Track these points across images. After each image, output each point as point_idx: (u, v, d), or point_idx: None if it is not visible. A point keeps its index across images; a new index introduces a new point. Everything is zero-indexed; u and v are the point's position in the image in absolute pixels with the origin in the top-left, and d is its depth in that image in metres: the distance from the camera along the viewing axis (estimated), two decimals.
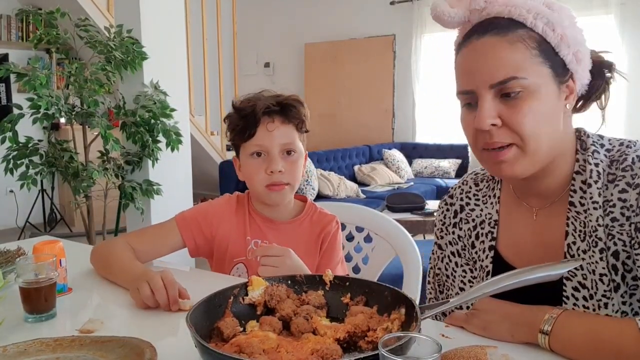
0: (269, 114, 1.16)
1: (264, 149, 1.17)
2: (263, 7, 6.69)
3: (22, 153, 2.71)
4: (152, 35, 3.08)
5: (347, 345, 0.74)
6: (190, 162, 3.38)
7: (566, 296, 0.84)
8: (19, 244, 1.37)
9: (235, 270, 1.24)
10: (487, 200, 0.98)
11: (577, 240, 0.84)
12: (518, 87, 0.78)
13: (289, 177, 1.17)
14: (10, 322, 0.90)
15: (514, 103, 0.79)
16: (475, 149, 0.85)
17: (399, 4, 5.95)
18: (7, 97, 4.48)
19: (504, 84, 0.78)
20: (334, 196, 4.61)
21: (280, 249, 1.06)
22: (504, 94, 0.79)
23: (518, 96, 0.78)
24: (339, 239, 1.27)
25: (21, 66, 2.80)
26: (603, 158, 0.85)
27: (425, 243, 3.25)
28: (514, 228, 0.93)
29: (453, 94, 0.86)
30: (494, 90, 0.79)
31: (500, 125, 0.80)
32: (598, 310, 0.81)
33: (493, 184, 0.98)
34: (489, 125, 0.79)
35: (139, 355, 0.71)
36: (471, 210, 0.99)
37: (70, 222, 5.02)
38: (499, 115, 0.79)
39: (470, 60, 0.82)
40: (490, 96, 0.80)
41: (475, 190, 1.00)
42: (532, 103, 0.78)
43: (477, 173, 1.04)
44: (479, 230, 0.96)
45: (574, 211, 0.85)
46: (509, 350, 0.75)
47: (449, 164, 5.66)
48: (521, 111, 0.78)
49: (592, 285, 0.82)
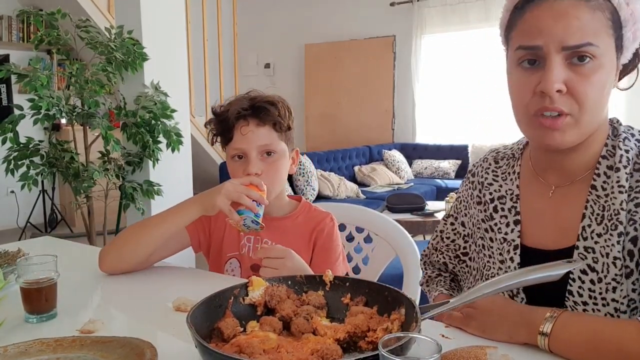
0: (243, 118, 1.18)
1: (242, 151, 1.19)
2: (263, 8, 6.69)
3: (23, 154, 2.71)
4: (153, 36, 3.08)
5: (347, 345, 0.74)
6: (191, 162, 3.39)
7: (572, 278, 0.83)
8: (19, 245, 1.37)
9: (228, 265, 1.25)
10: (507, 177, 0.97)
11: (592, 223, 0.83)
12: (589, 55, 0.76)
13: (267, 178, 1.16)
14: (10, 323, 0.90)
15: (582, 71, 0.77)
16: (525, 112, 0.82)
17: (399, 4, 5.95)
18: (8, 98, 4.49)
19: (579, 48, 0.76)
20: (334, 197, 4.61)
21: (282, 250, 1.06)
22: (573, 61, 0.77)
23: (586, 65, 0.77)
24: (335, 236, 1.26)
25: (22, 67, 2.80)
26: (633, 146, 0.85)
27: (425, 243, 3.24)
28: (533, 204, 0.92)
29: (453, 94, 0.86)
30: (564, 53, 0.77)
31: (564, 92, 0.78)
32: (605, 293, 0.80)
33: (513, 161, 0.98)
34: (556, 89, 0.77)
35: (140, 355, 0.71)
36: (489, 184, 0.98)
37: (70, 222, 5.03)
38: (565, 81, 0.77)
39: (546, 17, 0.78)
40: (560, 60, 0.77)
41: (495, 167, 1.00)
42: (598, 75, 0.77)
43: (498, 151, 1.03)
44: (497, 204, 0.95)
45: (595, 194, 0.84)
46: (509, 350, 0.75)
47: (449, 164, 5.67)
48: (589, 80, 0.77)
49: (603, 269, 0.81)
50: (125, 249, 1.15)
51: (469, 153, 5.62)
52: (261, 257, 1.06)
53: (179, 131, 3.07)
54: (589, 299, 0.82)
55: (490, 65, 5.43)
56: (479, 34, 5.55)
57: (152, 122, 2.95)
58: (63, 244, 1.52)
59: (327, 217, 1.27)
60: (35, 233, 4.65)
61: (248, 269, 1.23)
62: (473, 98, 5.62)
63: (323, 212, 1.29)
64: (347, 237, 1.51)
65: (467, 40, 5.67)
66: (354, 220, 1.51)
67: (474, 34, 5.59)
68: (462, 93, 5.68)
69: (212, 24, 4.73)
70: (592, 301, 0.82)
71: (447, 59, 5.81)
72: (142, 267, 1.19)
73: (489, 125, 5.56)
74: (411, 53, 5.92)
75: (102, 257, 1.16)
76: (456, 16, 5.68)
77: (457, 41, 5.76)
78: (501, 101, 5.52)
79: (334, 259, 1.23)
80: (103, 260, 1.16)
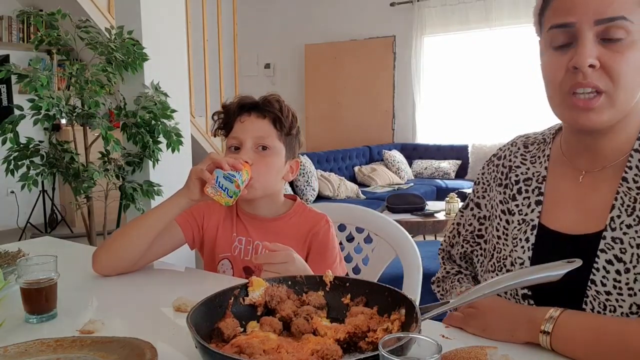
0: (247, 110, 1.22)
1: (238, 141, 1.20)
2: (263, 9, 6.69)
3: (23, 154, 2.71)
4: (153, 36, 3.08)
5: (347, 345, 0.74)
6: (191, 162, 3.38)
7: (596, 268, 0.82)
8: (19, 245, 1.37)
9: (220, 266, 1.24)
10: (536, 160, 0.96)
11: (622, 214, 0.82)
12: (622, 31, 0.75)
13: (255, 170, 1.14)
14: (11, 323, 0.90)
15: (616, 48, 0.76)
16: (559, 91, 0.81)
17: (399, 5, 5.96)
18: (8, 99, 4.49)
19: (612, 21, 0.75)
20: (334, 197, 4.61)
21: (284, 255, 1.02)
22: (606, 38, 0.76)
23: (620, 42, 0.76)
24: (331, 239, 1.23)
25: (22, 67, 2.80)
26: None
27: (425, 243, 3.25)
28: (559, 187, 0.91)
29: (453, 94, 0.87)
30: (597, 28, 0.76)
31: (597, 67, 0.77)
32: (633, 284, 0.79)
33: (544, 146, 0.97)
34: (589, 64, 0.76)
35: (140, 355, 0.71)
36: (517, 167, 0.97)
37: (71, 222, 5.03)
38: (598, 57, 0.77)
39: None
40: (592, 35, 0.76)
41: (524, 151, 0.99)
42: (633, 52, 0.76)
43: (528, 136, 1.02)
44: (522, 185, 0.94)
45: (626, 186, 0.83)
46: (509, 350, 0.75)
47: (449, 164, 5.67)
48: (623, 57, 0.76)
49: (632, 260, 0.80)
50: (117, 246, 1.14)
51: (469, 153, 5.62)
52: (263, 262, 1.03)
53: (179, 131, 3.07)
54: (613, 289, 0.81)
55: (491, 65, 5.44)
56: (479, 34, 5.56)
57: (152, 122, 2.95)
58: (63, 244, 1.52)
59: (322, 219, 1.24)
60: (36, 233, 4.65)
61: (240, 270, 1.22)
62: (473, 98, 5.63)
63: (318, 213, 1.26)
64: (347, 237, 1.51)
65: (467, 40, 5.68)
66: (354, 220, 1.51)
67: (474, 34, 5.60)
68: (462, 93, 5.68)
69: (212, 24, 4.73)
70: (617, 291, 0.80)
71: (447, 59, 5.82)
72: (137, 266, 1.18)
73: (489, 125, 5.57)
74: (411, 53, 5.92)
75: (95, 257, 1.15)
76: (456, 16, 5.68)
77: (457, 41, 5.77)
78: (501, 101, 5.54)
79: (330, 263, 1.20)
80: (96, 261, 1.15)
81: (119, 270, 1.16)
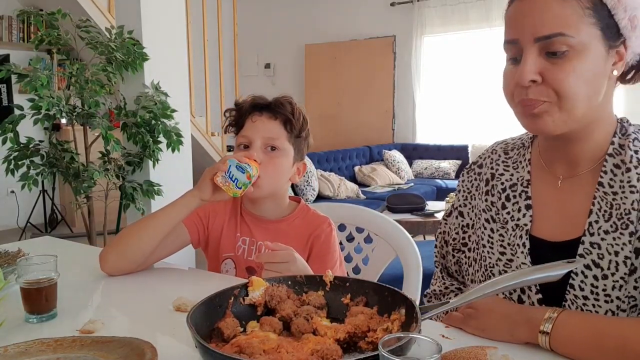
0: (259, 110, 1.22)
1: (248, 140, 1.21)
2: (264, 8, 6.69)
3: (23, 154, 2.71)
4: (153, 36, 3.08)
5: (347, 345, 0.74)
6: (191, 162, 3.38)
7: (575, 272, 0.83)
8: (19, 245, 1.37)
9: (224, 266, 1.25)
10: (518, 165, 0.96)
11: (600, 220, 0.83)
12: (564, 46, 0.76)
13: (263, 171, 1.15)
14: (11, 323, 0.90)
15: (558, 62, 0.77)
16: (512, 101, 0.85)
17: (399, 5, 5.96)
18: (8, 98, 4.49)
19: (550, 38, 0.77)
20: (334, 197, 4.61)
21: (285, 254, 1.02)
22: (550, 52, 0.78)
23: (563, 55, 0.77)
24: (333, 242, 1.24)
25: (22, 67, 2.80)
26: None
27: (425, 243, 3.25)
28: (542, 192, 0.92)
29: (453, 94, 0.87)
30: (538, 45, 0.78)
31: (540, 82, 0.79)
32: (611, 291, 0.80)
33: (524, 150, 0.97)
34: (528, 81, 0.78)
35: (140, 355, 0.71)
36: (500, 175, 0.97)
37: (71, 222, 5.03)
38: (540, 72, 0.78)
39: (520, 10, 0.81)
40: (535, 51, 0.79)
41: (505, 157, 0.99)
42: (577, 63, 0.77)
43: (507, 142, 1.03)
44: (509, 192, 0.95)
45: (602, 191, 0.84)
46: (509, 350, 0.75)
47: (449, 164, 5.67)
48: (564, 70, 0.77)
49: (610, 266, 0.81)
50: (127, 246, 1.14)
51: (469, 153, 5.63)
52: (264, 261, 1.04)
53: (179, 131, 3.07)
54: (590, 294, 0.82)
55: (491, 65, 5.43)
56: (479, 34, 5.55)
57: (152, 122, 2.95)
58: (63, 244, 1.52)
59: (325, 222, 1.24)
60: (36, 233, 4.65)
61: (243, 270, 1.22)
62: (473, 98, 5.62)
63: (321, 216, 1.27)
64: (347, 237, 1.51)
65: (467, 40, 5.67)
66: (354, 220, 1.51)
67: (474, 34, 5.60)
68: (462, 93, 5.68)
69: (212, 24, 4.73)
70: (594, 297, 0.81)
71: (447, 59, 5.81)
72: (144, 266, 1.18)
73: (489, 125, 5.56)
74: (411, 53, 5.92)
75: (103, 257, 1.15)
76: (456, 16, 5.68)
77: (457, 41, 5.76)
78: (501, 101, 5.52)
79: (331, 266, 1.20)
80: (105, 261, 1.15)
81: (126, 271, 1.16)
